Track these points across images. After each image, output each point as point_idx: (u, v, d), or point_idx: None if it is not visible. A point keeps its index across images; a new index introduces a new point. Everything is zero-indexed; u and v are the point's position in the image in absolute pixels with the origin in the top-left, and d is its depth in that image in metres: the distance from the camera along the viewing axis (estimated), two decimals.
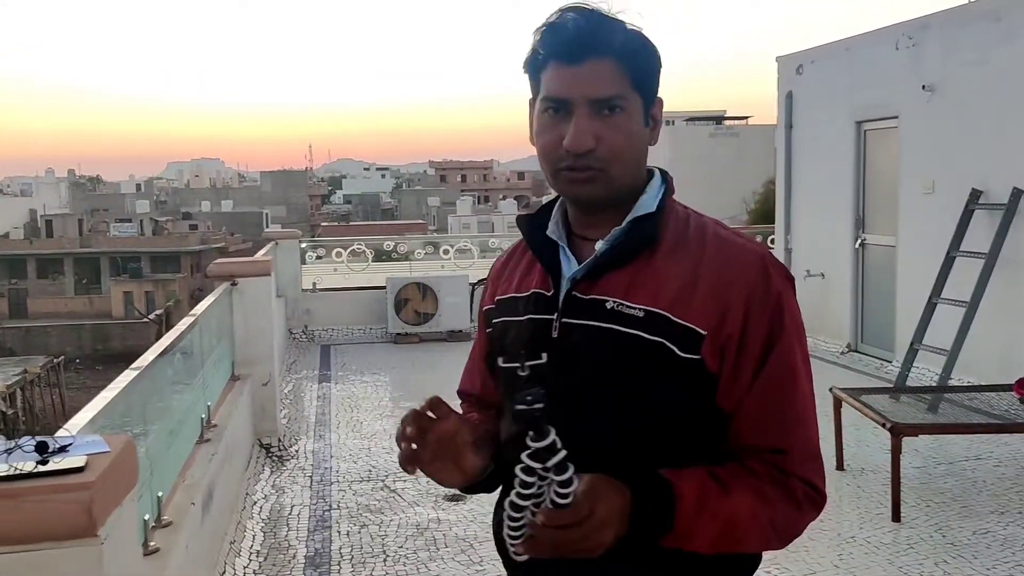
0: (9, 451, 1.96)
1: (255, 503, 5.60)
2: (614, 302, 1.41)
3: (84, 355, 41.85)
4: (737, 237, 1.47)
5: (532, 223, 1.56)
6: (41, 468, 1.95)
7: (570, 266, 1.48)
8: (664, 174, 1.53)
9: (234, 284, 6.52)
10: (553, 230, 1.52)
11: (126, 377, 3.45)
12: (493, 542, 1.60)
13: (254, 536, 5.10)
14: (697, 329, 1.38)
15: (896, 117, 8.95)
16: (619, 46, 1.39)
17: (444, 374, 9.55)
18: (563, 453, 1.20)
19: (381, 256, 14.21)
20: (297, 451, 6.75)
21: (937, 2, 8.86)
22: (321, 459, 6.58)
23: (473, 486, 1.54)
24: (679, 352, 1.38)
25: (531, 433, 1.19)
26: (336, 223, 77.90)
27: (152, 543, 3.32)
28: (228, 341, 6.48)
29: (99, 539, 1.95)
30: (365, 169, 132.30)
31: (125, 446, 2.11)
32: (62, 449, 2.02)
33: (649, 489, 1.31)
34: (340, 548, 4.93)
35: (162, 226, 66.27)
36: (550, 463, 1.20)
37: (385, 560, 4.77)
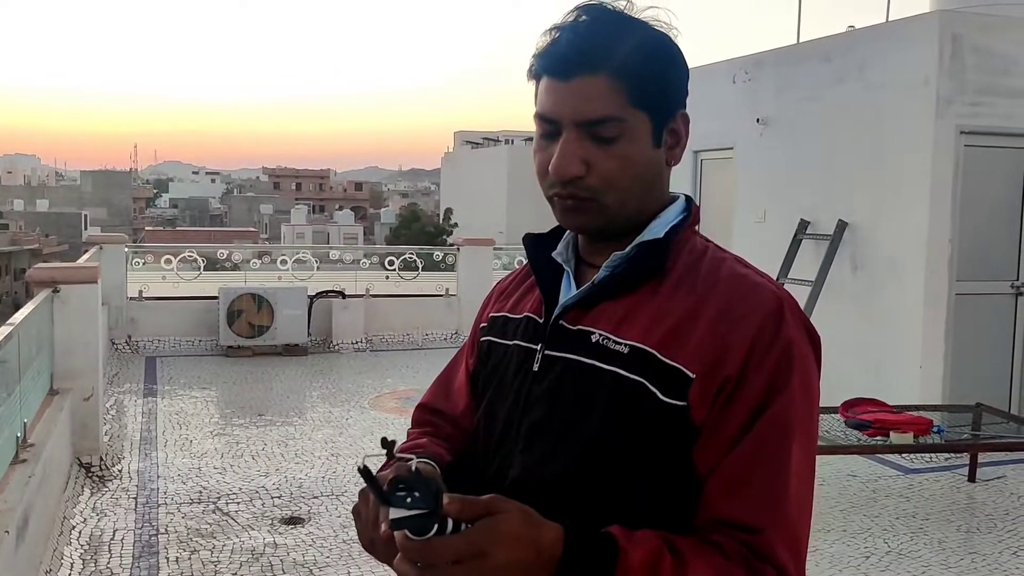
0: None
1: (73, 527, 5.21)
2: (600, 335, 1.25)
3: None
4: (757, 276, 1.28)
5: (539, 243, 1.41)
6: None
7: (570, 293, 1.33)
8: (689, 201, 1.38)
9: (56, 291, 6.09)
10: (561, 252, 1.38)
11: None
12: (333, 568, 1.42)
13: (72, 564, 4.74)
14: (685, 371, 1.19)
15: (731, 148, 9.31)
16: (618, 60, 1.23)
17: (279, 389, 9.26)
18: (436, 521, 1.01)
19: (213, 265, 13.65)
20: (120, 471, 6.34)
21: (771, 40, 9.31)
22: (147, 479, 6.20)
23: None
24: (661, 396, 1.19)
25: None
26: (161, 228, 74.70)
27: None
28: (48, 352, 6.03)
29: None
30: (194, 172, 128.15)
31: None
32: None
33: (588, 546, 1.09)
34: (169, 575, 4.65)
35: None
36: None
37: None
